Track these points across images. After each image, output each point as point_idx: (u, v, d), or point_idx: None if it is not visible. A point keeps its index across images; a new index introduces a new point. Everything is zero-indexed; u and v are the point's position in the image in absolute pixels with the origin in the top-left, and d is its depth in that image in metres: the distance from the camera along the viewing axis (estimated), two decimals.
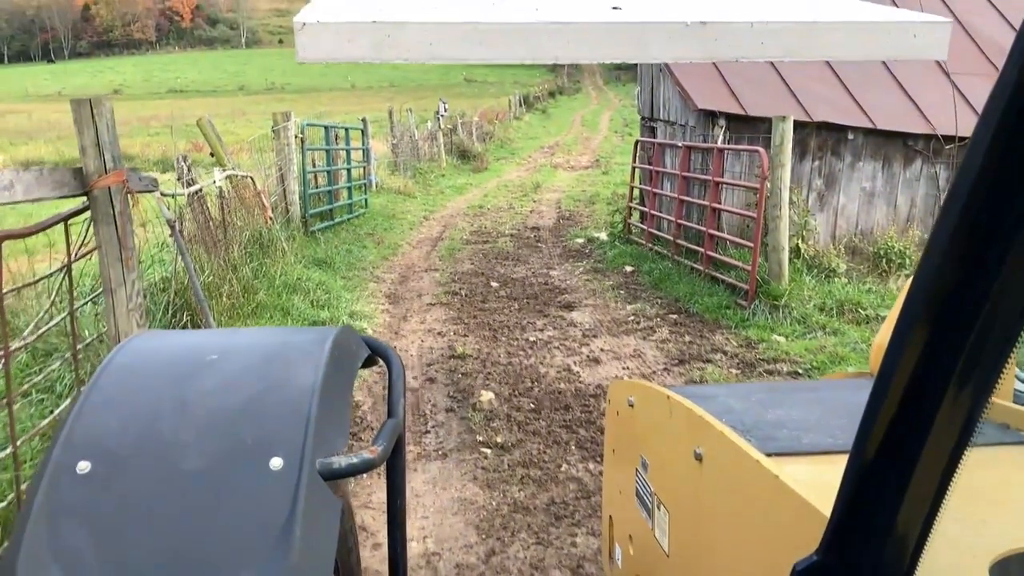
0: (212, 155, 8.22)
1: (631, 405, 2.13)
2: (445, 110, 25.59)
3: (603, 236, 11.86)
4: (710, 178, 8.32)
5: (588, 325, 7.45)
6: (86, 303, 3.97)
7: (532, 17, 1.70)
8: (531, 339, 7.03)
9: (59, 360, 3.92)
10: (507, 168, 25.43)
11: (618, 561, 2.38)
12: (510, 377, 6.07)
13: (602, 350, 6.69)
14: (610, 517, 2.50)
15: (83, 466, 1.05)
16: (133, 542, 1.00)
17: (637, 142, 11.24)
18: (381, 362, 1.52)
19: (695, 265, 8.66)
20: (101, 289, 3.49)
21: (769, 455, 1.46)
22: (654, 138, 10.74)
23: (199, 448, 1.08)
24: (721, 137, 8.52)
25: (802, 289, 7.52)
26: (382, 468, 1.33)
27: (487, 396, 5.65)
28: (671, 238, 9.38)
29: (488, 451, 4.83)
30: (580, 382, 5.97)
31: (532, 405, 5.53)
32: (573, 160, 27.46)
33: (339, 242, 11.11)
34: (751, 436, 1.63)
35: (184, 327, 5.25)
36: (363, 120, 15.86)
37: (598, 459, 4.62)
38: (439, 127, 24.53)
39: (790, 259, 7.72)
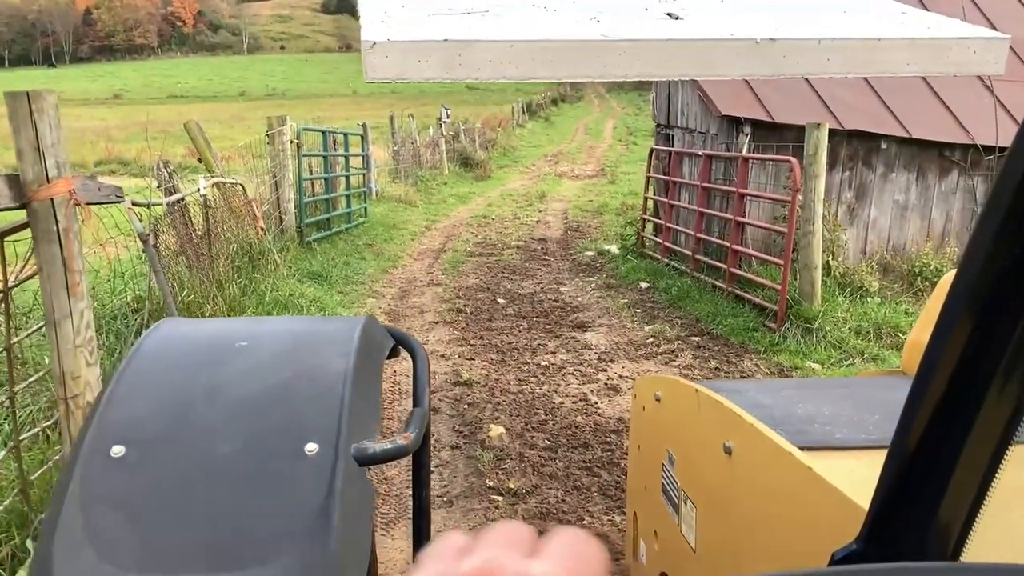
0: (200, 160, 7.66)
1: (658, 400, 2.11)
2: (448, 116, 25.03)
3: (614, 249, 11.29)
4: (734, 189, 7.76)
5: (604, 348, 6.87)
6: (32, 332, 3.39)
7: (598, 34, 1.64)
8: (543, 363, 6.46)
9: None
10: (511, 176, 24.89)
11: (643, 557, 2.35)
12: (521, 408, 5.50)
13: (621, 376, 6.12)
14: (635, 513, 2.46)
15: (117, 450, 1.04)
16: (168, 526, 0.98)
17: (652, 151, 10.66)
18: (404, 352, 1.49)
19: (717, 283, 8.08)
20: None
21: (802, 449, 1.43)
22: (671, 146, 10.17)
23: (232, 433, 1.07)
24: (746, 145, 7.96)
25: (835, 310, 6.95)
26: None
27: (497, 431, 5.08)
28: (690, 253, 8.80)
29: (499, 498, 4.26)
30: (599, 415, 5.39)
31: (547, 442, 4.95)
32: (578, 169, 26.93)
33: (336, 253, 10.55)
34: (782, 430, 1.57)
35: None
36: (363, 125, 15.31)
37: (624, 510, 4.05)
38: (441, 134, 23.99)
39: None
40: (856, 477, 1.21)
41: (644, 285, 9.05)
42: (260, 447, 1.06)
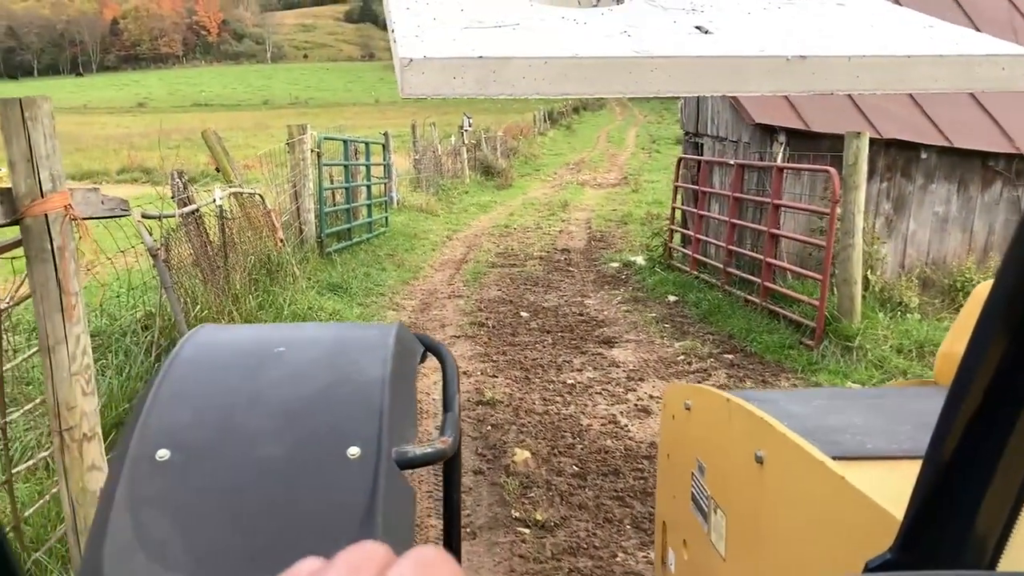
0: (218, 170, 7.48)
1: (687, 409, 2.12)
2: (469, 125, 24.86)
3: (640, 260, 11.01)
4: (768, 200, 7.47)
5: (632, 365, 6.60)
6: (29, 356, 3.17)
7: (631, 50, 1.66)
8: (568, 381, 6.20)
9: None
10: (532, 185, 24.66)
11: (671, 566, 2.35)
12: (547, 431, 5.24)
13: (651, 397, 5.84)
14: (663, 522, 2.45)
15: (162, 454, 1.05)
16: (216, 530, 0.99)
17: (680, 159, 10.37)
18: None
19: (750, 297, 7.79)
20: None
21: (834, 458, 1.44)
22: (700, 155, 9.89)
23: (276, 437, 1.08)
24: (780, 155, 7.67)
25: (876, 328, 6.63)
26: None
27: (522, 455, 4.82)
28: (720, 266, 8.51)
29: (526, 531, 4.00)
30: (629, 438, 5.12)
31: (575, 468, 4.69)
32: (600, 177, 26.65)
33: (356, 264, 10.35)
34: (814, 440, 1.55)
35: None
36: (384, 134, 15.14)
37: None
38: (463, 142, 23.82)
39: None
40: (889, 487, 1.21)
41: (672, 298, 8.77)
42: (304, 451, 1.08)
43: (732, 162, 8.33)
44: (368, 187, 12.99)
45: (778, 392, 3.37)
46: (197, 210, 5.54)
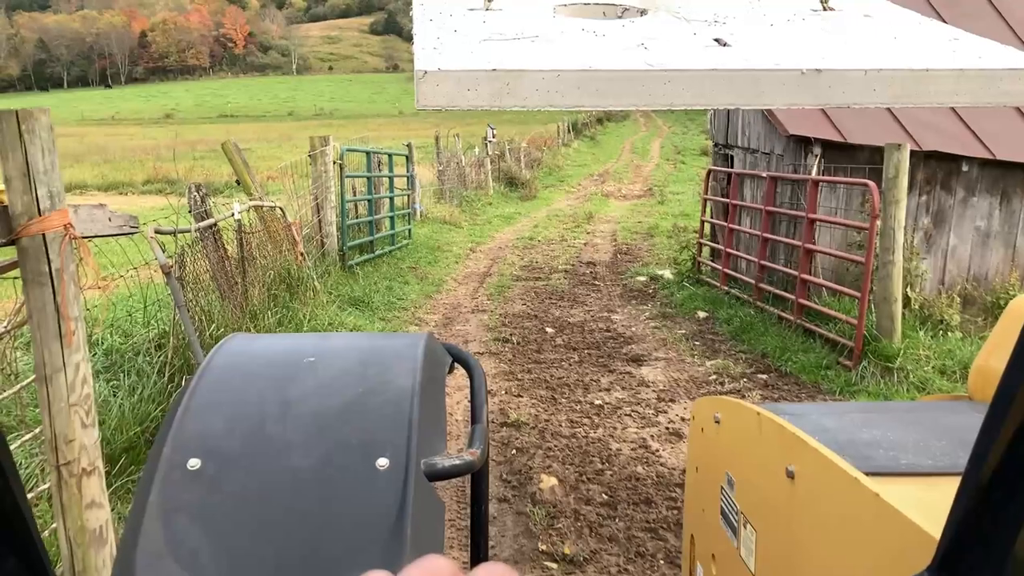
0: (238, 183, 7.35)
1: (717, 422, 2.11)
2: (493, 136, 24.73)
3: (667, 274, 10.77)
4: (803, 214, 7.21)
5: (662, 385, 6.37)
6: (27, 384, 3.00)
7: (644, 63, 1.68)
8: (596, 402, 5.98)
9: None
10: (557, 196, 24.47)
11: None
12: (575, 455, 5.02)
13: (683, 419, 5.61)
14: (691, 536, 2.43)
15: (194, 463, 1.06)
16: (247, 539, 1.00)
17: (709, 171, 10.12)
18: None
19: (784, 314, 7.52)
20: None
21: (868, 474, 1.41)
22: (730, 167, 9.65)
23: (306, 447, 1.10)
24: (815, 167, 7.42)
25: (917, 347, 6.35)
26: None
27: (549, 482, 4.61)
28: (752, 281, 8.25)
29: (553, 566, 3.78)
30: (661, 464, 4.89)
31: (605, 496, 4.47)
32: (625, 188, 26.42)
33: (379, 277, 10.19)
34: (846, 455, 1.53)
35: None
36: (408, 145, 15.01)
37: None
38: (487, 153, 23.69)
39: None
40: (924, 504, 1.20)
41: (702, 315, 8.52)
42: (333, 461, 1.08)
43: (764, 175, 8.09)
44: (391, 199, 12.85)
45: (809, 405, 3.18)
46: (214, 224, 5.39)
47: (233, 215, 5.64)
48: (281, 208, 7.45)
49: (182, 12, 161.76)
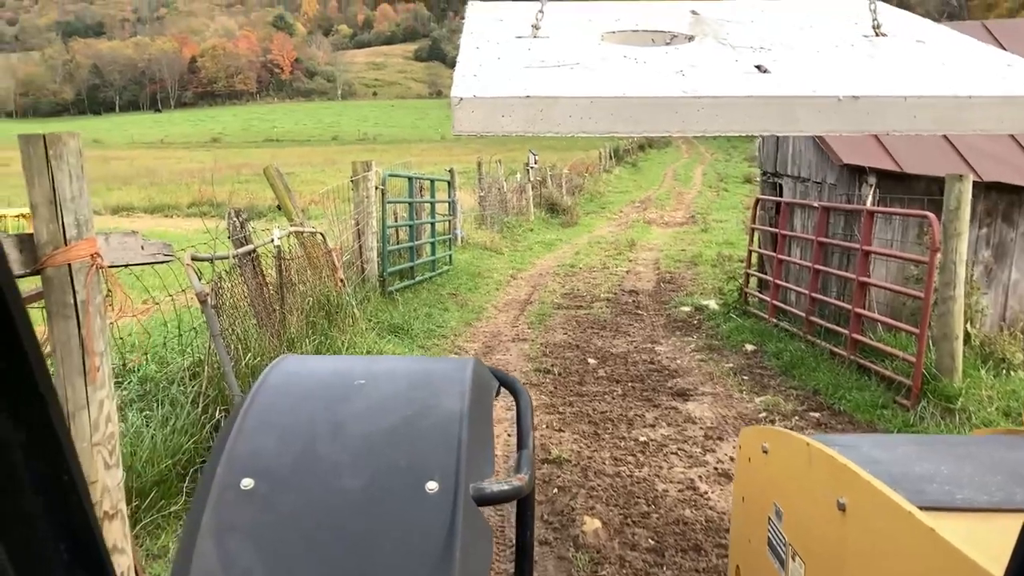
0: (279, 208, 7.30)
1: (765, 452, 2.06)
2: (535, 162, 24.66)
3: (713, 305, 10.51)
4: (856, 246, 6.95)
5: (710, 422, 6.13)
6: None
7: (680, 90, 1.67)
8: (641, 439, 5.76)
9: None
10: (598, 223, 24.28)
11: None
12: (619, 496, 4.81)
13: (732, 459, 5.36)
14: (737, 567, 2.41)
15: (246, 483, 1.08)
16: (299, 560, 1.02)
17: (757, 200, 9.87)
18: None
19: (836, 349, 7.24)
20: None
21: (922, 508, 1.38)
22: (779, 195, 9.40)
23: (357, 469, 1.11)
24: (870, 197, 7.16)
25: (979, 387, 6.04)
26: None
27: (592, 525, 4.40)
28: (803, 314, 7.98)
29: None
30: (710, 507, 4.66)
31: (651, 541, 4.25)
32: (667, 216, 26.13)
33: (419, 304, 10.09)
34: (899, 488, 1.48)
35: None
36: (450, 171, 14.98)
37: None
38: (528, 179, 23.61)
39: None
40: (982, 540, 1.17)
41: (750, 347, 8.25)
42: (383, 484, 1.09)
43: (816, 204, 7.83)
44: (432, 225, 12.78)
45: (859, 436, 3.15)
46: (253, 251, 5.31)
47: (272, 241, 5.55)
48: (322, 234, 7.38)
49: (231, 38, 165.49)
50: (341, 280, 7.30)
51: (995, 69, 1.91)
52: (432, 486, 1.09)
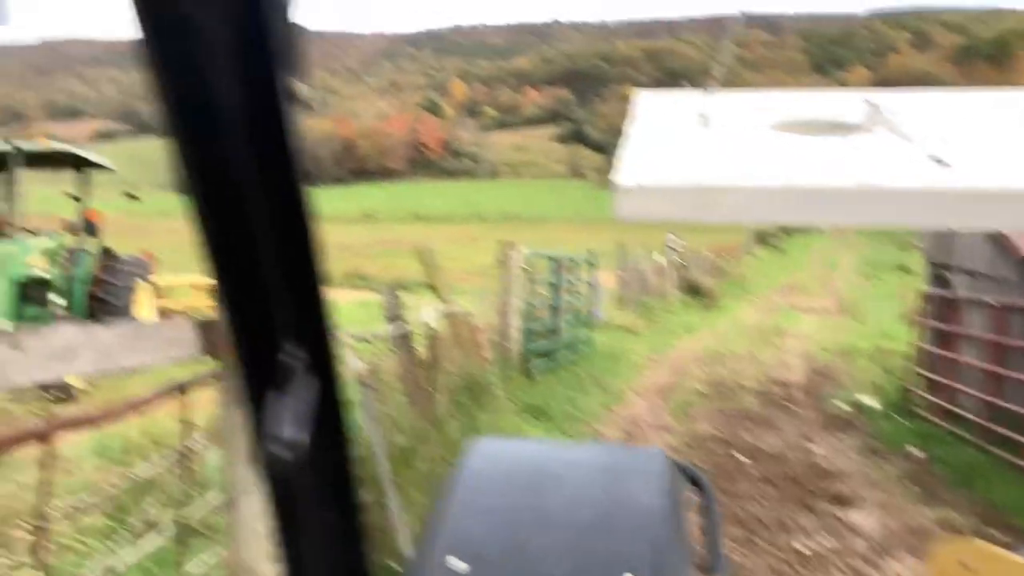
0: (432, 288, 7.41)
1: (967, 568, 1.89)
2: (677, 247, 24.40)
3: (873, 403, 9.84)
4: None
5: (877, 535, 5.63)
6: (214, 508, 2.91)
7: (853, 181, 1.58)
8: (799, 548, 5.35)
9: None
10: (740, 307, 23.61)
11: None
12: None
13: None
14: None
15: (460, 566, 1.12)
16: None
17: (925, 295, 9.26)
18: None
19: (1017, 460, 6.57)
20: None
21: None
22: (949, 289, 8.80)
23: (560, 559, 1.14)
24: None
25: None
26: None
27: None
28: (977, 419, 7.32)
29: None
30: None
31: None
32: (814, 303, 25.11)
33: (557, 384, 9.97)
34: None
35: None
36: (591, 251, 14.95)
37: None
38: (669, 260, 23.34)
39: None
40: None
41: (916, 453, 7.62)
42: (585, 574, 1.11)
43: (994, 303, 7.26)
44: (574, 305, 12.72)
45: None
46: (407, 332, 5.37)
47: (425, 320, 5.61)
48: (470, 314, 7.43)
49: (383, 119, 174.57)
50: (486, 359, 7.29)
51: None
52: None
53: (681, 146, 1.85)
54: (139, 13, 0.39)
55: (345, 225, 77.84)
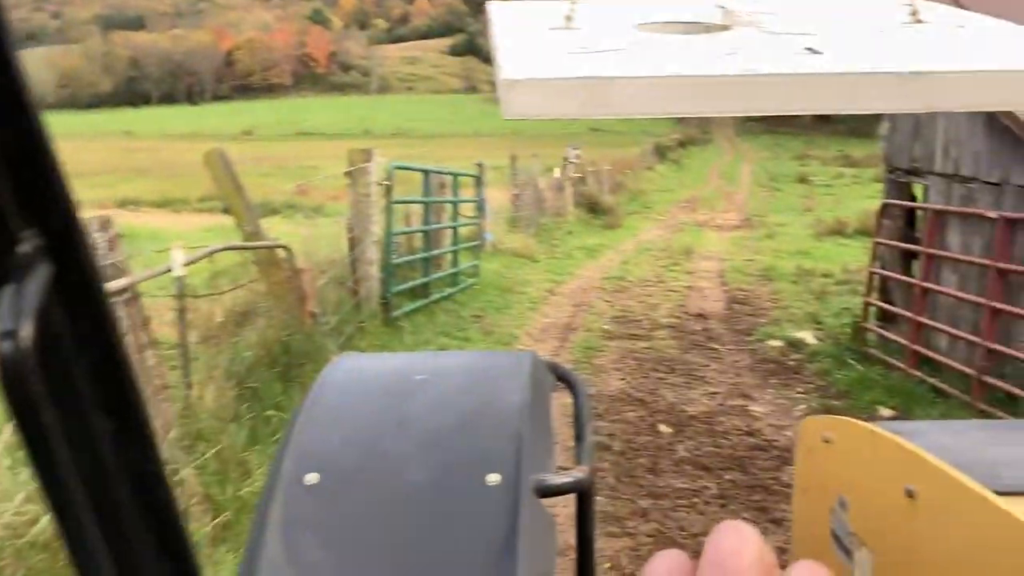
0: (227, 211, 5.12)
1: (827, 442, 1.93)
2: (576, 157, 22.47)
3: (810, 338, 8.16)
4: None
5: None
6: None
7: (738, 69, 1.39)
8: None
9: None
10: (644, 225, 22.01)
11: None
12: None
13: None
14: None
15: (311, 478, 1.03)
16: (364, 554, 0.99)
17: (884, 205, 7.43)
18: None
19: None
20: None
21: (998, 493, 1.27)
22: (913, 200, 7.01)
23: (420, 463, 1.05)
24: None
25: None
26: None
27: None
28: (970, 371, 5.60)
29: None
30: None
31: None
32: (720, 218, 23.80)
33: (432, 332, 7.92)
34: (973, 473, 1.35)
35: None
36: (479, 165, 12.75)
37: None
38: (567, 176, 21.40)
39: None
40: None
41: (886, 412, 5.91)
42: (446, 477, 1.02)
43: (993, 215, 5.46)
44: (455, 230, 10.56)
45: (927, 423, 2.79)
46: (128, 288, 3.10)
47: (170, 270, 3.35)
48: (285, 247, 5.18)
49: (267, 32, 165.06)
50: (312, 312, 5.09)
51: None
52: (493, 479, 0.98)
53: (555, 46, 1.60)
54: None
55: (222, 143, 72.72)
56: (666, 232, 20.16)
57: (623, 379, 7.03)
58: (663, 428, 5.78)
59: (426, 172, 9.31)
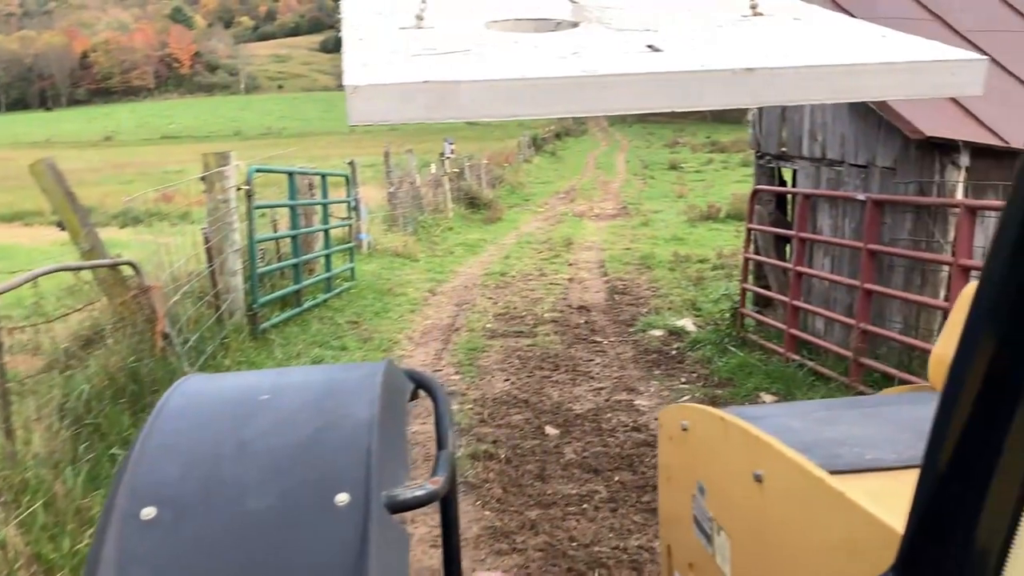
0: (61, 227, 4.61)
1: (684, 430, 2.12)
2: (452, 152, 22.16)
3: (690, 326, 8.19)
4: (947, 259, 4.66)
5: None
6: None
7: (579, 70, 1.64)
8: None
9: None
10: (524, 217, 21.98)
11: None
12: None
13: None
14: (668, 547, 2.40)
15: (148, 512, 1.04)
16: None
17: (755, 192, 7.49)
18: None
19: None
20: None
21: (833, 472, 1.42)
22: (780, 184, 7.08)
23: (263, 488, 1.06)
24: (960, 187, 4.87)
25: None
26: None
27: None
28: (847, 353, 5.65)
29: None
30: None
31: None
32: (597, 208, 24.03)
33: (304, 343, 7.51)
34: (812, 454, 1.52)
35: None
36: (350, 163, 12.29)
37: None
38: (444, 171, 21.07)
39: None
40: (890, 499, 1.16)
41: (768, 398, 5.92)
42: (291, 501, 1.04)
43: (862, 197, 5.52)
44: (326, 232, 10.10)
45: (775, 406, 3.02)
46: None
47: None
48: (131, 263, 4.71)
49: (125, 32, 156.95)
50: (162, 334, 4.64)
51: (871, 40, 1.96)
52: (342, 498, 1.01)
53: (404, 47, 1.80)
54: None
55: (81, 150, 68.61)
56: (546, 224, 20.17)
57: (508, 379, 6.83)
58: (550, 430, 5.60)
59: (290, 173, 8.83)
